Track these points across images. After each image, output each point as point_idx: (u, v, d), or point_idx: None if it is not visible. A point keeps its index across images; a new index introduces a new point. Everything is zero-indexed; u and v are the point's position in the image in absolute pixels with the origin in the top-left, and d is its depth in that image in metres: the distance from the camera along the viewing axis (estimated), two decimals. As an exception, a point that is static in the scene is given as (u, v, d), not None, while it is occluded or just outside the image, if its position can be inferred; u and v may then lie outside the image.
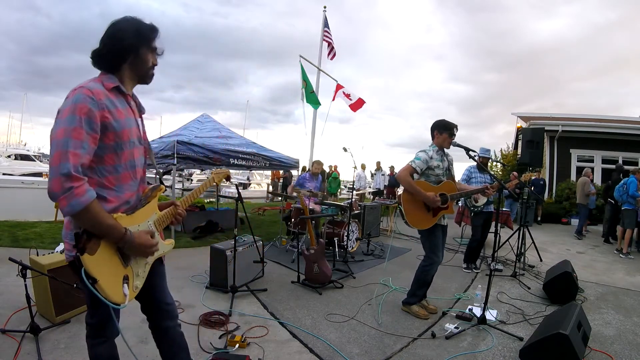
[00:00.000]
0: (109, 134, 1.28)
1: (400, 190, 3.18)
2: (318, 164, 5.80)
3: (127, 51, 1.34)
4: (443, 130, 3.11)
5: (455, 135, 3.13)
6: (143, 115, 1.56)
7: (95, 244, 1.24)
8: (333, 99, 8.23)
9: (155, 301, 1.60)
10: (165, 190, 1.66)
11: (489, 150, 4.75)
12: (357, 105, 8.49)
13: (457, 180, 3.46)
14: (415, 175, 3.09)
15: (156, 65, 1.45)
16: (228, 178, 2.06)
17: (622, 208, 6.34)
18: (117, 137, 1.31)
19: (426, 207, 3.04)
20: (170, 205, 1.59)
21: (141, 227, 1.41)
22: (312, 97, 7.48)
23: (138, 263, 1.41)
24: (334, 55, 8.22)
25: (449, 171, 3.26)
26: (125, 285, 1.33)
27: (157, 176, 1.72)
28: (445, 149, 3.20)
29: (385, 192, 11.69)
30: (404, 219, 3.07)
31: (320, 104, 7.73)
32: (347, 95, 8.31)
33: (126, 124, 1.35)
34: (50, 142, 1.18)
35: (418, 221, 3.05)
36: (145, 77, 1.44)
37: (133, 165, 1.42)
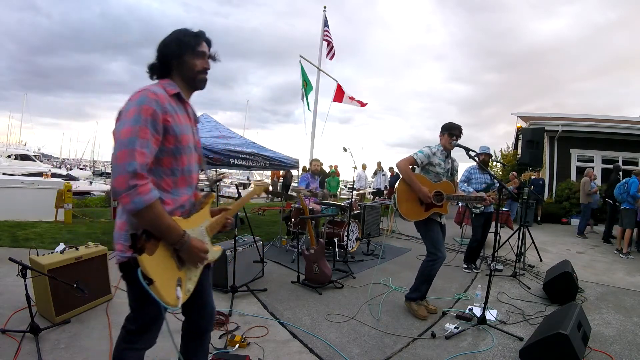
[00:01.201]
0: (169, 137, 1.31)
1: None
2: (316, 161, 5.81)
3: (171, 59, 1.39)
4: (445, 131, 3.17)
5: (456, 136, 3.15)
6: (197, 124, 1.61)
7: (154, 245, 1.25)
8: (334, 99, 8.25)
9: (202, 304, 1.61)
10: (217, 199, 1.70)
11: (488, 148, 4.75)
12: (361, 104, 8.59)
13: (457, 183, 3.47)
14: (417, 170, 3.14)
15: (208, 69, 1.48)
16: (267, 191, 2.12)
17: (621, 207, 6.33)
18: (177, 141, 1.33)
19: (420, 200, 3.06)
20: (220, 212, 1.61)
21: (195, 231, 1.42)
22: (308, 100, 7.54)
23: (191, 267, 1.42)
24: (334, 55, 8.23)
25: (452, 175, 3.29)
26: (179, 287, 1.33)
27: (208, 183, 1.77)
28: (451, 153, 3.26)
29: (385, 192, 11.69)
30: (395, 207, 3.09)
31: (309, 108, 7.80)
32: (352, 98, 8.36)
33: (185, 129, 1.38)
34: (114, 141, 1.21)
35: (409, 212, 3.08)
36: (194, 81, 1.46)
37: (190, 170, 1.44)
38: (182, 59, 1.40)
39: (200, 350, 1.70)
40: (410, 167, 3.08)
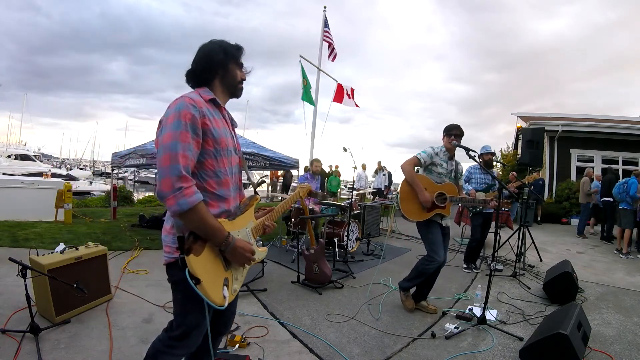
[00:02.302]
0: (208, 139, 1.34)
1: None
2: (317, 162, 5.81)
3: (217, 67, 1.44)
4: (444, 133, 3.25)
5: (454, 135, 3.17)
6: (236, 129, 1.65)
7: (200, 246, 1.28)
8: (334, 100, 8.24)
9: (229, 307, 1.59)
10: (260, 200, 1.72)
11: (491, 147, 4.74)
12: (351, 93, 8.58)
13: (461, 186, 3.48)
14: (420, 170, 3.18)
15: (244, 80, 1.54)
16: (310, 193, 2.13)
17: (619, 207, 6.33)
18: (216, 144, 1.36)
19: (421, 202, 3.08)
20: (265, 214, 1.65)
21: (240, 233, 1.45)
22: (309, 96, 7.53)
23: (237, 267, 1.45)
24: (335, 56, 8.23)
25: (455, 178, 3.31)
26: (225, 287, 1.36)
27: (252, 186, 1.85)
28: (455, 156, 3.29)
29: (385, 192, 11.68)
30: (397, 207, 3.13)
31: (314, 103, 7.76)
32: (349, 95, 8.34)
33: (223, 132, 1.41)
34: (157, 147, 1.27)
35: (411, 212, 3.10)
36: (235, 90, 1.52)
37: (232, 172, 1.48)
38: (227, 67, 1.46)
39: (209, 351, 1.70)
40: (415, 167, 3.12)
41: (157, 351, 1.44)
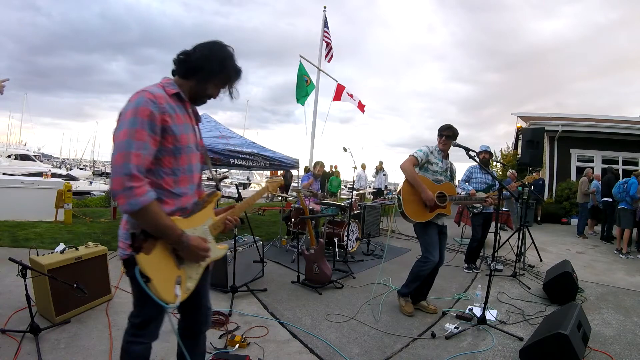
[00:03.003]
0: (168, 137, 1.32)
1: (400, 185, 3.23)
2: (321, 166, 5.79)
3: (203, 71, 1.39)
4: (438, 134, 3.27)
5: (445, 136, 3.20)
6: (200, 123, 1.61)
7: (151, 244, 1.28)
8: (334, 100, 8.24)
9: (197, 304, 1.62)
10: (221, 196, 1.69)
11: (488, 147, 4.74)
12: (361, 106, 8.58)
13: (457, 181, 3.49)
14: (416, 170, 3.16)
15: (213, 97, 1.50)
16: (282, 187, 2.07)
17: (619, 207, 6.33)
18: (176, 141, 1.34)
19: (424, 201, 3.06)
20: (226, 210, 1.61)
21: (197, 230, 1.44)
22: (303, 92, 7.54)
23: (192, 265, 1.43)
24: (332, 57, 8.23)
25: (451, 177, 3.33)
26: (178, 286, 1.35)
27: (214, 182, 1.79)
28: (449, 156, 3.30)
29: (385, 192, 11.68)
30: (400, 209, 3.08)
31: (306, 97, 7.73)
32: (351, 95, 8.34)
33: (184, 129, 1.38)
34: (113, 144, 1.23)
35: (414, 213, 3.07)
36: (196, 99, 1.48)
37: (191, 169, 1.45)
38: (208, 78, 1.42)
39: (196, 350, 1.70)
40: (414, 167, 3.11)
41: (126, 342, 1.48)
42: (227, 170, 4.98)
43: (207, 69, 1.39)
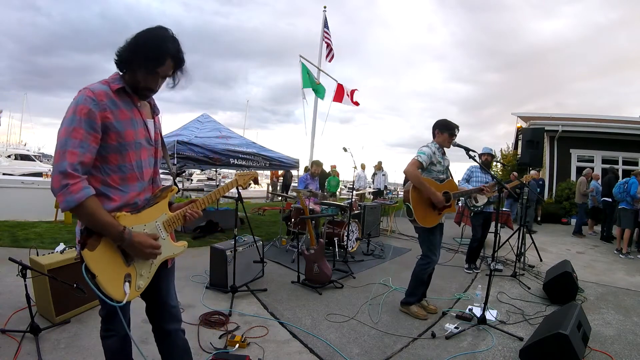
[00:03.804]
0: (111, 134, 1.30)
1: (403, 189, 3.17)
2: (317, 165, 5.80)
3: (125, 61, 1.35)
4: (444, 130, 3.11)
5: (456, 135, 3.14)
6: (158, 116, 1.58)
7: (95, 241, 1.28)
8: (335, 100, 8.24)
9: (159, 303, 1.60)
10: (179, 191, 1.64)
11: (491, 149, 4.75)
12: (351, 95, 8.61)
13: (457, 180, 3.47)
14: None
15: (152, 89, 1.39)
16: (255, 181, 1.95)
17: (619, 207, 6.33)
18: (120, 138, 1.33)
19: (432, 204, 3.01)
20: (187, 204, 1.58)
21: (148, 227, 1.41)
22: (318, 88, 7.66)
23: (143, 263, 1.41)
24: (332, 57, 8.23)
25: (448, 171, 3.27)
26: (127, 283, 1.34)
27: (171, 177, 1.74)
28: (445, 150, 3.20)
29: (385, 192, 11.67)
30: (411, 217, 2.99)
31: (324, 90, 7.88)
32: (350, 95, 8.35)
33: (130, 124, 1.36)
34: (55, 142, 1.24)
35: (425, 219, 3.01)
36: (136, 91, 1.39)
37: (140, 166, 1.43)
38: (132, 69, 1.34)
39: (175, 351, 1.67)
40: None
41: (101, 337, 1.53)
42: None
43: (126, 58, 1.33)
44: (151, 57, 1.32)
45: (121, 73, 1.39)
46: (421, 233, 3.15)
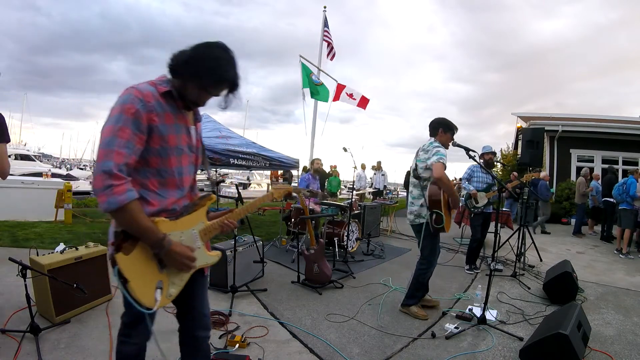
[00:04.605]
0: (154, 136, 1.27)
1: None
2: (318, 160, 5.80)
3: (180, 72, 1.31)
4: (448, 130, 3.10)
5: (454, 134, 3.15)
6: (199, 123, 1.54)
7: (131, 245, 1.25)
8: (334, 99, 8.23)
9: (192, 310, 1.58)
10: (217, 200, 1.61)
11: (491, 147, 4.72)
12: (363, 103, 8.51)
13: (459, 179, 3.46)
14: (428, 174, 3.01)
15: (199, 104, 1.39)
16: (289, 195, 1.93)
17: (619, 207, 6.34)
18: (163, 142, 1.30)
19: (448, 207, 2.99)
20: (224, 214, 1.55)
21: (185, 234, 1.38)
22: (319, 90, 7.63)
23: (175, 271, 1.38)
24: (334, 56, 8.23)
25: None
26: (159, 290, 1.31)
27: (211, 185, 1.70)
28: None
29: (385, 192, 11.67)
30: (440, 224, 2.88)
31: (327, 93, 7.85)
32: (350, 95, 8.31)
33: (174, 129, 1.33)
34: (99, 140, 1.20)
35: (447, 224, 2.97)
36: (185, 101, 1.37)
37: (180, 172, 1.39)
38: (184, 81, 1.32)
39: (199, 357, 1.66)
40: None
41: (119, 342, 1.47)
42: (226, 173, 4.90)
43: (183, 70, 1.30)
44: (208, 78, 1.29)
45: (169, 77, 1.35)
46: (428, 237, 3.05)
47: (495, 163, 5.78)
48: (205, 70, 1.27)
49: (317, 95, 7.70)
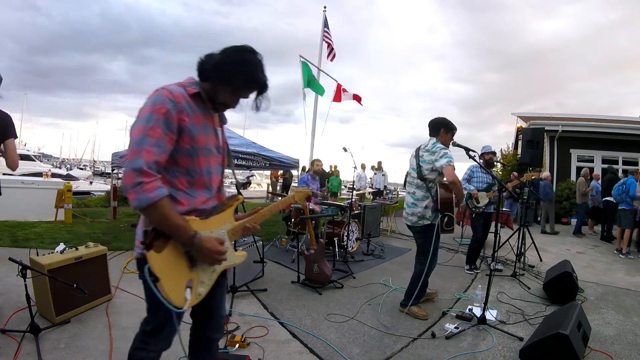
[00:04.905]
0: (184, 136, 1.29)
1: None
2: (318, 161, 5.80)
3: (212, 76, 1.34)
4: (449, 131, 3.10)
5: (454, 134, 3.16)
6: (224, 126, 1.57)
7: (162, 243, 1.24)
8: (334, 99, 8.24)
9: (210, 311, 1.57)
10: (243, 201, 1.64)
11: (491, 147, 4.71)
12: (357, 98, 8.56)
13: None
14: (433, 175, 3.02)
15: (230, 106, 1.43)
16: (309, 198, 2.00)
17: (619, 207, 6.34)
18: (193, 142, 1.31)
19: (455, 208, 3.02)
20: (248, 216, 1.56)
21: (214, 233, 1.39)
22: (316, 85, 7.64)
23: (205, 270, 1.38)
24: (334, 57, 8.23)
25: None
26: (188, 289, 1.30)
27: (235, 186, 1.73)
28: None
29: (385, 192, 11.68)
30: (451, 227, 2.93)
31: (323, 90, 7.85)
32: (345, 91, 8.33)
33: (202, 130, 1.35)
34: (129, 139, 1.22)
35: (454, 225, 3.02)
36: (213, 103, 1.40)
37: (209, 172, 1.41)
38: (215, 84, 1.35)
39: (208, 357, 1.66)
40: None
41: (134, 348, 1.44)
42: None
43: (213, 74, 1.33)
44: (240, 81, 1.34)
45: (197, 79, 1.38)
46: (432, 238, 3.03)
47: (495, 163, 5.78)
48: (237, 73, 1.31)
49: (316, 88, 7.70)
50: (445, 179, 2.92)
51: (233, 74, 1.31)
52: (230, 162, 1.62)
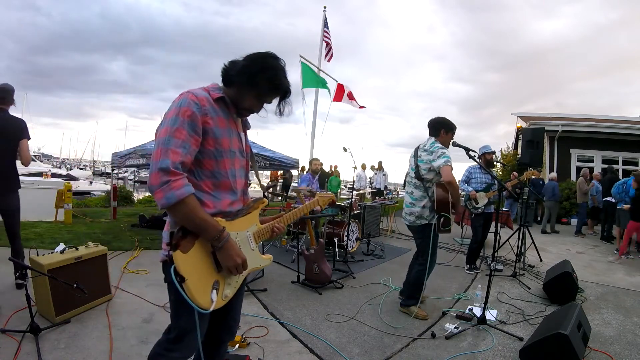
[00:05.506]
0: (209, 139, 1.30)
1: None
2: (316, 160, 5.80)
3: (236, 81, 1.36)
4: (449, 131, 3.10)
5: (454, 134, 3.15)
6: (248, 131, 1.59)
7: (189, 242, 1.24)
8: (334, 99, 8.23)
9: (226, 314, 1.57)
10: (268, 204, 1.64)
11: (490, 147, 4.70)
12: (362, 107, 8.59)
13: (457, 181, 3.43)
14: (431, 175, 3.04)
15: (254, 111, 1.44)
16: (333, 203, 2.00)
17: (618, 207, 6.34)
18: (217, 144, 1.33)
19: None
20: (274, 218, 1.58)
21: (240, 235, 1.39)
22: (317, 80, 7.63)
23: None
24: (331, 57, 8.23)
25: None
26: (215, 291, 1.29)
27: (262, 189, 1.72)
28: None
29: (385, 192, 11.68)
30: (447, 227, 2.94)
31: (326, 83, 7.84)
32: (350, 94, 8.33)
33: (226, 133, 1.37)
34: (155, 141, 1.25)
35: (452, 225, 3.01)
36: (237, 108, 1.42)
37: (234, 174, 1.42)
38: (240, 90, 1.37)
39: (217, 358, 1.67)
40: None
41: (155, 354, 1.42)
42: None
43: (238, 80, 1.35)
44: (265, 87, 1.36)
45: (221, 85, 1.41)
46: (429, 238, 3.04)
47: (495, 163, 5.77)
48: (262, 80, 1.34)
49: (320, 84, 7.71)
50: (442, 179, 2.93)
51: (258, 79, 1.34)
52: (255, 167, 1.64)
